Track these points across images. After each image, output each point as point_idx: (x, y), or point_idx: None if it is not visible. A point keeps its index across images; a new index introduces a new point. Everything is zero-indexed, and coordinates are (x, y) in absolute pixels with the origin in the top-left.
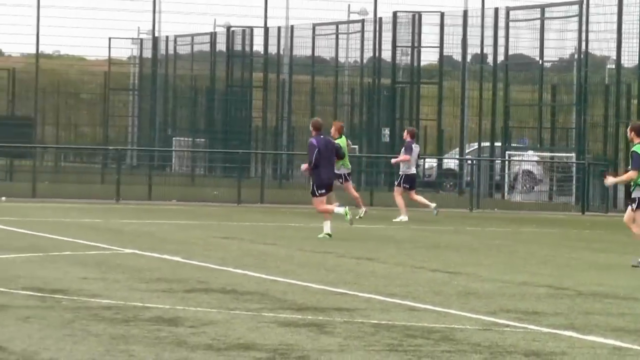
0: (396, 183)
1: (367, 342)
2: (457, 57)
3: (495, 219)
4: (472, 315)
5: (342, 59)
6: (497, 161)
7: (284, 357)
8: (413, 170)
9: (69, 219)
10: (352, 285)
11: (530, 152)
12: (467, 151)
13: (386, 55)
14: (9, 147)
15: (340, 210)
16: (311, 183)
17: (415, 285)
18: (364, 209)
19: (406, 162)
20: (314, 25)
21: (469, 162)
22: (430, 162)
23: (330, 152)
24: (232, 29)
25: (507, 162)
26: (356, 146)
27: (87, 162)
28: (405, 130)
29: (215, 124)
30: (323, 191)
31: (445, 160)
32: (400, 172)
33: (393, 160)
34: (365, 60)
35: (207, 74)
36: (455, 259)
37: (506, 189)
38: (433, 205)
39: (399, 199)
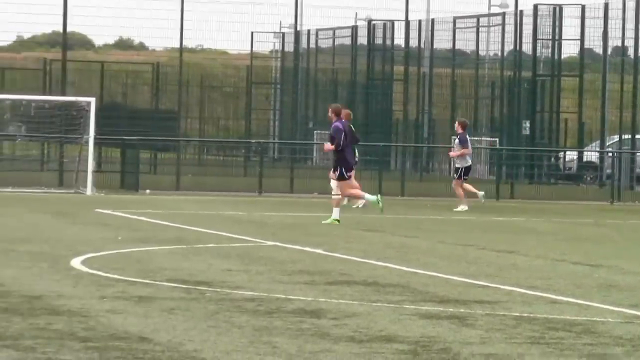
0: (456, 176)
1: (508, 335)
2: (598, 49)
3: (636, 212)
4: (613, 308)
5: (482, 52)
6: (638, 154)
7: (426, 349)
8: (470, 162)
9: (213, 211)
10: (493, 277)
11: None
12: (607, 144)
13: (527, 48)
14: (153, 140)
15: (372, 197)
16: (338, 168)
17: (557, 277)
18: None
19: (465, 154)
20: (455, 19)
21: (610, 154)
22: (571, 155)
23: (352, 136)
24: (373, 22)
25: None
26: (497, 139)
27: (230, 155)
28: (457, 122)
29: (356, 117)
30: (351, 174)
31: (585, 153)
32: (457, 165)
33: (451, 154)
34: (505, 53)
35: (348, 68)
36: (596, 251)
37: None
38: (481, 193)
39: (459, 191)
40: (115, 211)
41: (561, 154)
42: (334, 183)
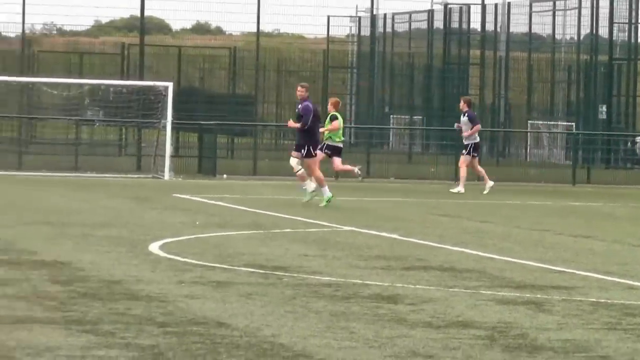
0: (465, 152)
1: (585, 321)
2: None
3: None
4: None
5: (558, 36)
6: None
7: (503, 335)
8: (477, 139)
9: (289, 196)
10: (569, 263)
11: None
12: None
13: (603, 31)
14: (231, 125)
15: (328, 194)
16: (306, 146)
17: (634, 263)
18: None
19: (476, 132)
20: (531, 2)
21: None
22: None
23: (319, 117)
24: (450, 6)
25: None
26: (573, 123)
27: None
28: (462, 100)
29: (432, 102)
30: (318, 152)
31: None
32: (466, 142)
33: (465, 134)
34: (582, 37)
35: (424, 52)
36: None
37: None
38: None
39: (464, 170)
40: (193, 196)
41: (638, 139)
42: (293, 161)
